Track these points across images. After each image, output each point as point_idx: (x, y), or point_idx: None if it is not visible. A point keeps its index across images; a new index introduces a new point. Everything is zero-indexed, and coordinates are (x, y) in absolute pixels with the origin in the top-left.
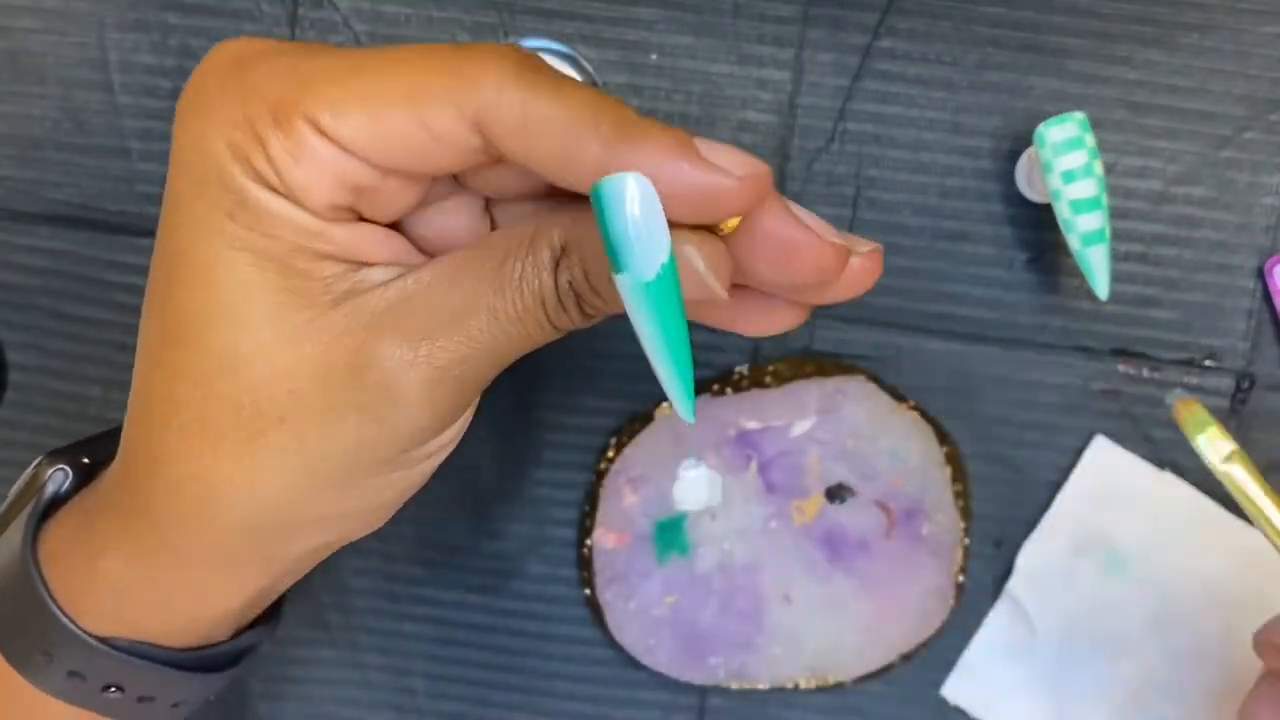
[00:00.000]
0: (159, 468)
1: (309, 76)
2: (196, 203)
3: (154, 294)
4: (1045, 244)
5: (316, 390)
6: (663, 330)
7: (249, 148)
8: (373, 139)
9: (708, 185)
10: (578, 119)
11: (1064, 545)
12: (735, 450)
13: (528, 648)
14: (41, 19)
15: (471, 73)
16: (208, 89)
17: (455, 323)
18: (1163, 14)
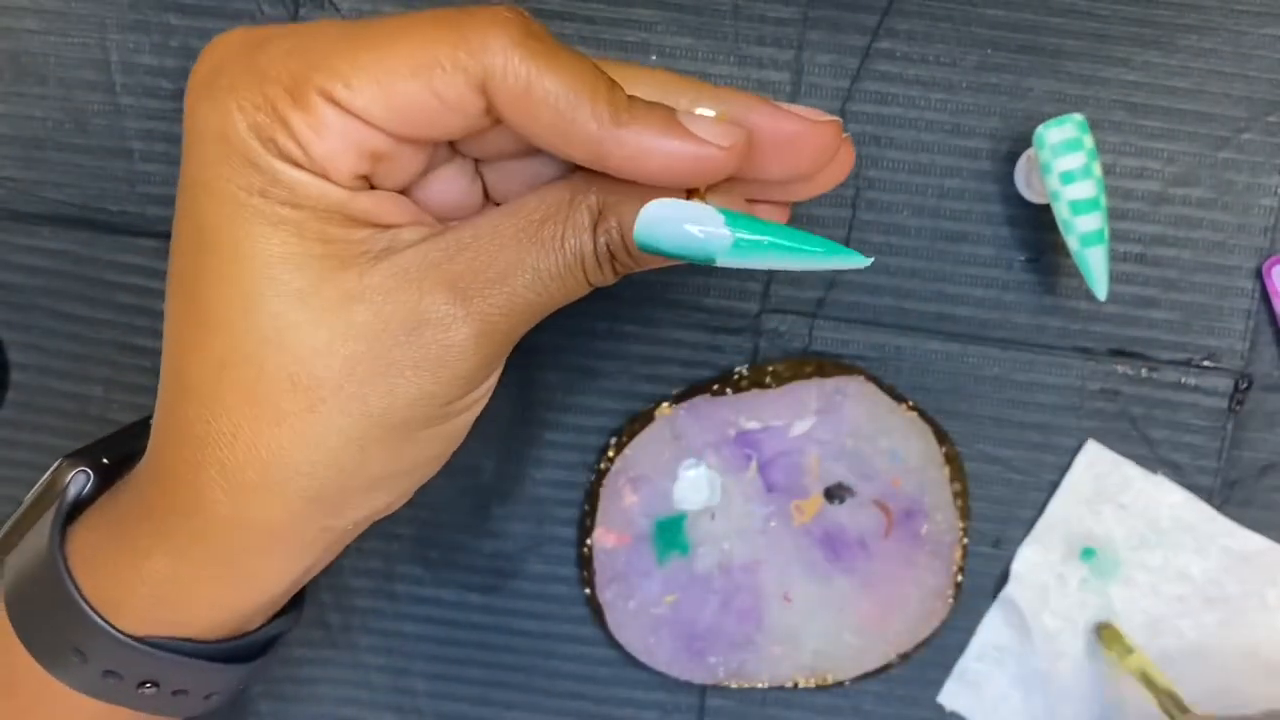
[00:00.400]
0: (210, 455)
1: (320, 53)
2: (225, 185)
3: (181, 284)
4: (1044, 245)
5: (373, 351)
6: (775, 257)
7: (272, 127)
8: (386, 109)
9: (700, 157)
10: (576, 95)
11: (1058, 549)
12: (735, 450)
13: (528, 647)
14: (43, 20)
15: (477, 39)
16: (221, 74)
17: (502, 279)
18: (1161, 15)
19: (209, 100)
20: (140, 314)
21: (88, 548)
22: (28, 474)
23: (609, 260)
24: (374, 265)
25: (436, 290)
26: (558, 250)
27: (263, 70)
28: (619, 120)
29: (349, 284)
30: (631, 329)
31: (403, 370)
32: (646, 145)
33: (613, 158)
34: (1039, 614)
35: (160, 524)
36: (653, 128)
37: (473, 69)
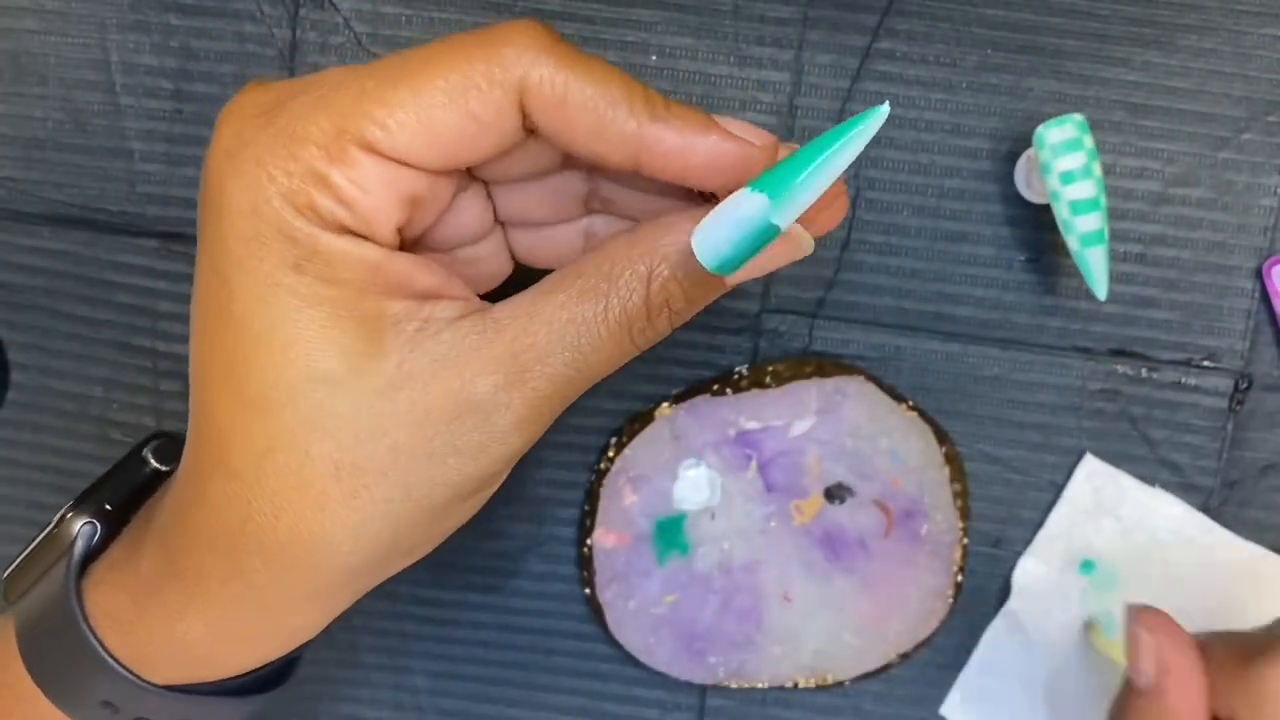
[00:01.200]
0: (251, 532)
1: (349, 102)
2: (259, 265)
3: (213, 365)
4: (1044, 245)
5: (415, 439)
6: (815, 180)
7: (310, 191)
8: (426, 144)
9: (739, 154)
10: (613, 96)
11: (1058, 561)
12: (735, 450)
13: (528, 647)
14: (43, 20)
15: (510, 54)
16: (244, 144)
17: (543, 361)
18: (1161, 16)
19: (235, 175)
20: (140, 314)
21: (116, 609)
22: (28, 474)
23: (664, 313)
24: (412, 350)
25: (477, 377)
26: (604, 322)
27: (290, 132)
28: (657, 116)
29: (389, 370)
30: None
31: (445, 458)
32: (688, 141)
33: (653, 155)
34: (1040, 626)
35: (193, 588)
36: (693, 124)
37: (509, 83)
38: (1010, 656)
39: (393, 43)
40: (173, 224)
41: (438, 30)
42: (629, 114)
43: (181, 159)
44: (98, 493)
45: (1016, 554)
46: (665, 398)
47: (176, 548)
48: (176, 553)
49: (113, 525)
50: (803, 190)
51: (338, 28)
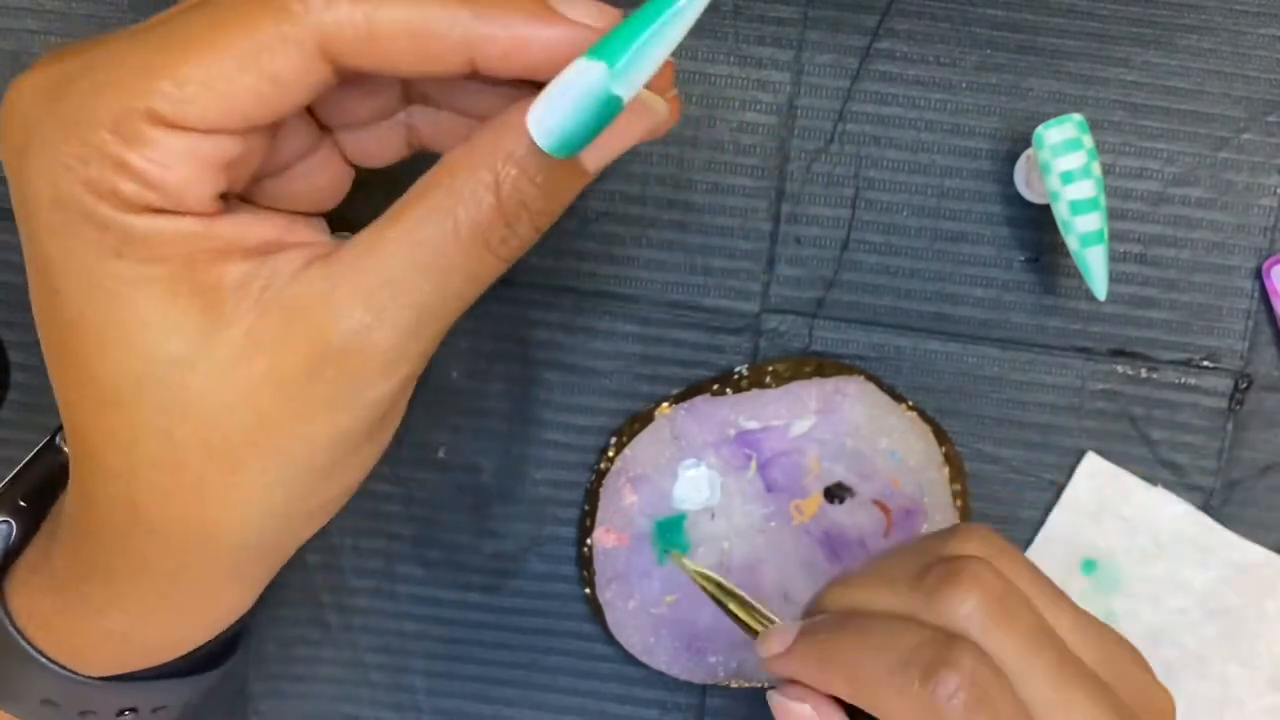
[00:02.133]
0: (142, 524)
1: (132, 77)
2: (76, 259)
3: (62, 365)
4: (1044, 245)
5: (280, 401)
6: (660, 38)
7: (110, 177)
8: (224, 112)
9: (577, 41)
10: (425, 10)
11: (1059, 562)
12: (735, 450)
13: (528, 646)
14: (43, 20)
15: (296, 4)
16: (32, 136)
17: (397, 295)
18: (1161, 16)
19: (30, 169)
20: None
21: (41, 609)
22: None
23: (524, 218)
24: (260, 313)
25: (329, 324)
26: (455, 240)
27: (75, 118)
28: (482, 14)
29: (238, 338)
30: (631, 329)
31: (315, 416)
32: (523, 36)
33: (489, 59)
34: None
35: (106, 584)
36: (525, 15)
37: (305, 38)
38: None
39: None
40: None
41: None
42: (450, 25)
43: None
44: (12, 490)
45: None
46: (665, 398)
47: (82, 548)
48: (83, 553)
49: (30, 521)
50: (644, 53)
51: None
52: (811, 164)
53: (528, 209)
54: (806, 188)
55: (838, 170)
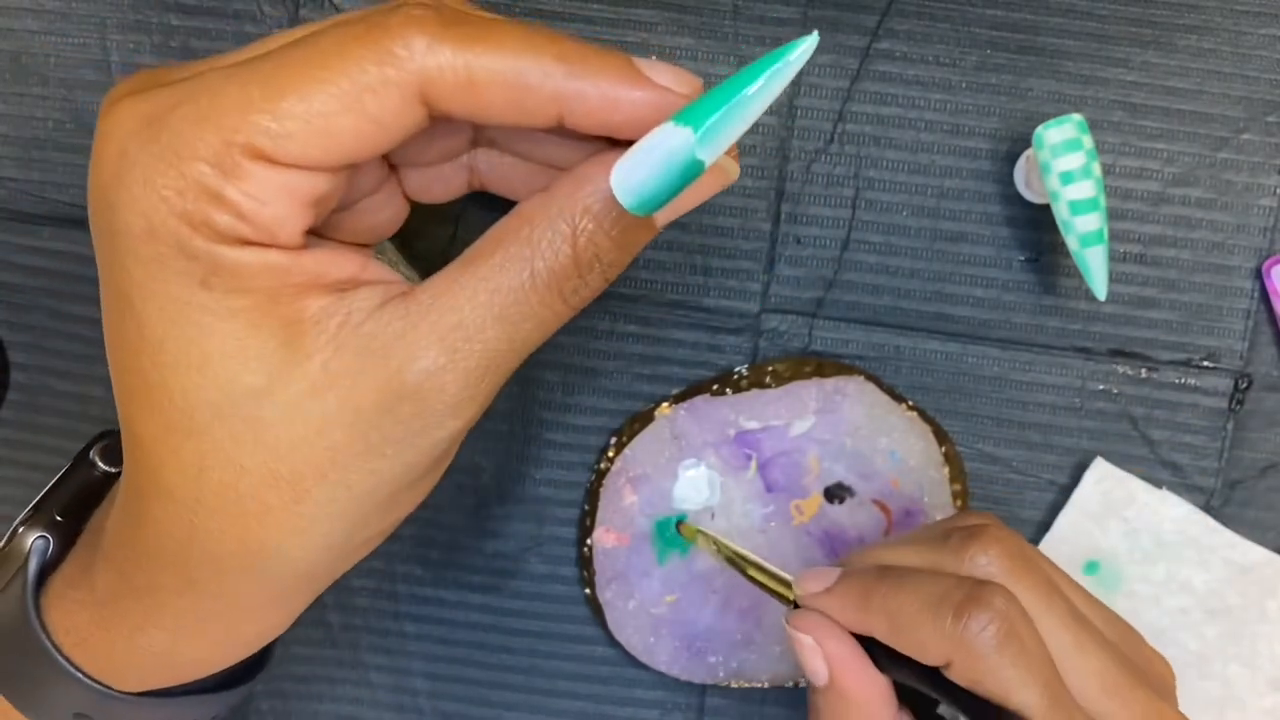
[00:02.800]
0: (198, 547)
1: (235, 111)
2: (164, 287)
3: (136, 390)
4: (1043, 245)
5: (351, 436)
6: (744, 110)
7: (206, 210)
8: (322, 149)
9: (663, 106)
10: (522, 63)
11: (1062, 563)
12: (735, 450)
13: (528, 647)
14: (44, 20)
15: (400, 51)
16: (130, 164)
17: (471, 339)
18: (1160, 16)
19: (124, 197)
20: None
21: (78, 625)
22: (28, 474)
23: (596, 269)
24: (336, 347)
25: (405, 365)
26: (531, 289)
27: (175, 149)
28: (574, 74)
29: (314, 371)
30: (631, 329)
31: (383, 450)
32: (612, 97)
33: (576, 115)
34: None
35: (150, 603)
36: (614, 76)
37: (406, 81)
38: None
39: None
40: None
41: None
42: (544, 78)
43: None
44: (48, 504)
45: None
46: (665, 398)
47: (127, 565)
48: (128, 570)
49: (66, 534)
50: (730, 124)
51: None
52: (811, 164)
53: (600, 261)
54: (806, 188)
55: (838, 170)
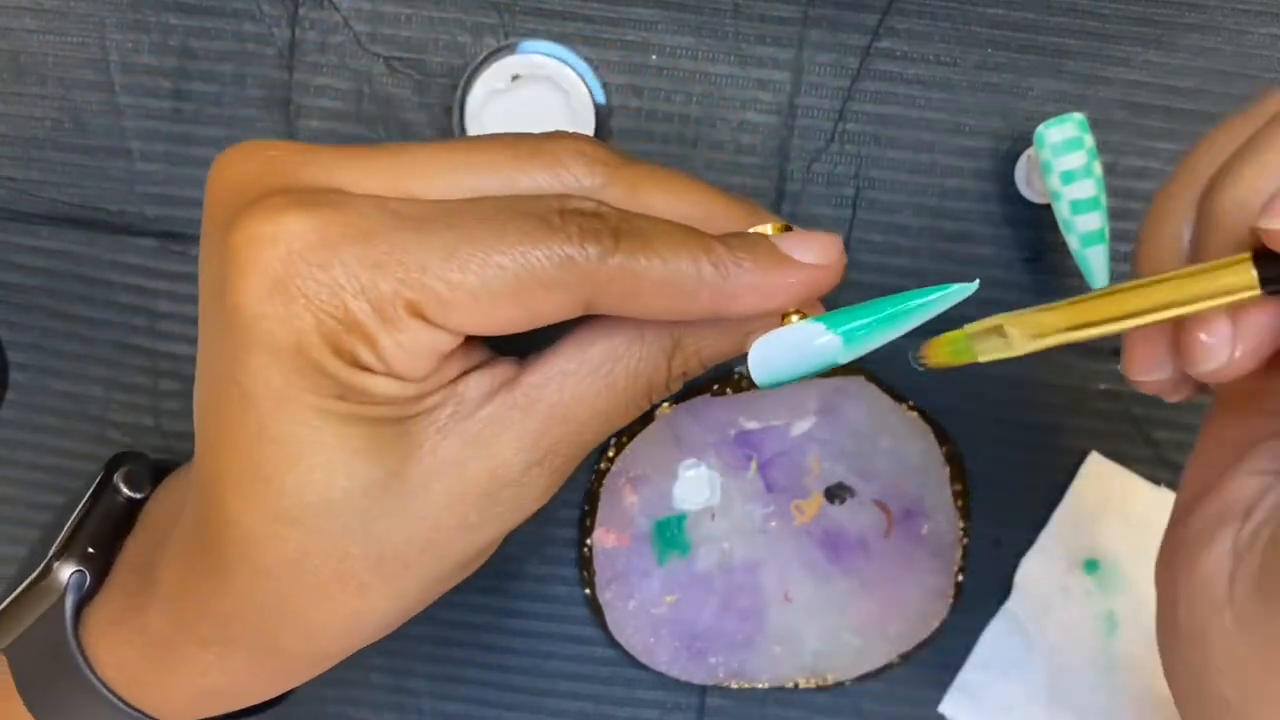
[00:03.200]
0: (290, 618)
1: (410, 270)
2: (300, 395)
3: (245, 471)
4: (1044, 244)
5: (454, 518)
6: (887, 329)
7: (357, 346)
8: (478, 325)
9: (810, 283)
10: (683, 269)
11: (1061, 561)
12: (735, 450)
13: (528, 648)
14: (42, 19)
15: (578, 259)
16: (295, 278)
17: (576, 430)
18: (1162, 15)
19: (281, 313)
20: (139, 314)
21: (126, 663)
22: (27, 474)
23: (680, 379)
24: (445, 436)
25: (512, 456)
26: (629, 391)
27: (345, 284)
28: (729, 274)
29: (425, 462)
30: None
31: (481, 528)
32: (767, 288)
33: (734, 311)
34: (1042, 626)
35: (219, 652)
36: (766, 265)
37: (577, 286)
38: (1010, 656)
39: (393, 42)
40: (172, 224)
41: (437, 29)
42: (700, 284)
43: (181, 158)
44: (79, 537)
45: (1017, 554)
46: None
47: (196, 620)
48: (195, 623)
49: (99, 566)
50: (874, 340)
51: (337, 27)
52: (812, 163)
53: (685, 377)
54: (806, 188)
55: (838, 170)
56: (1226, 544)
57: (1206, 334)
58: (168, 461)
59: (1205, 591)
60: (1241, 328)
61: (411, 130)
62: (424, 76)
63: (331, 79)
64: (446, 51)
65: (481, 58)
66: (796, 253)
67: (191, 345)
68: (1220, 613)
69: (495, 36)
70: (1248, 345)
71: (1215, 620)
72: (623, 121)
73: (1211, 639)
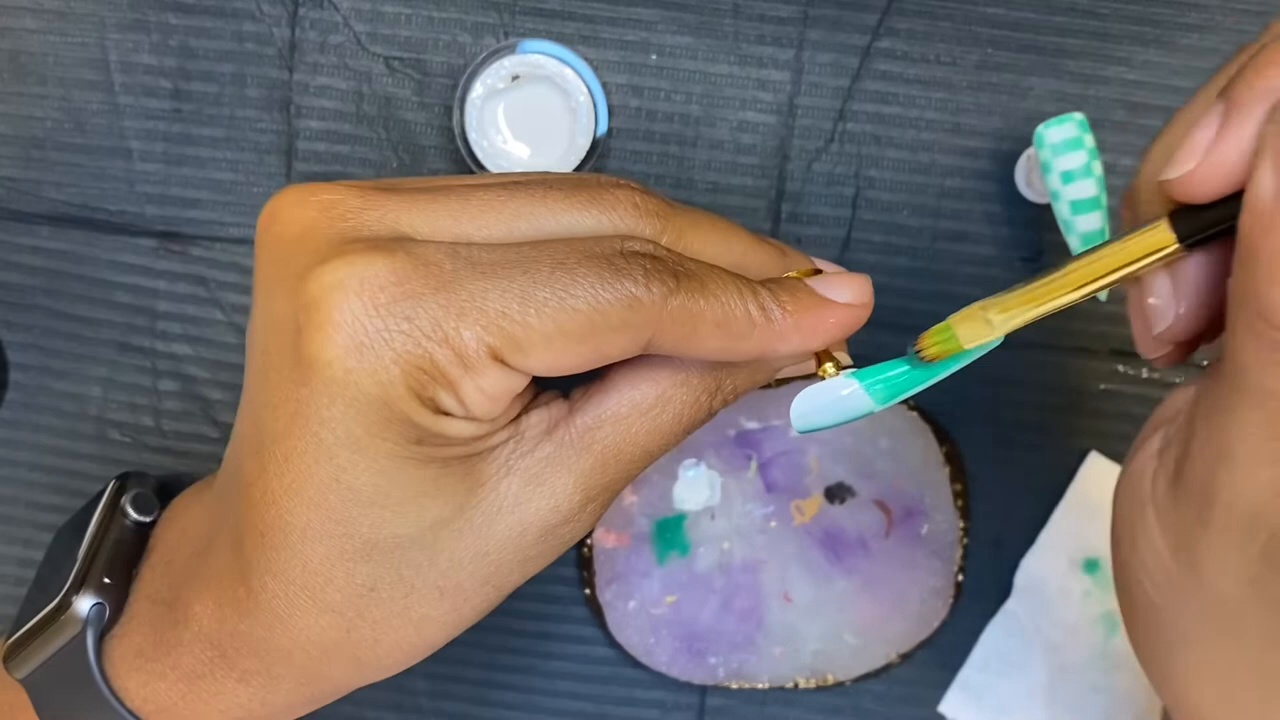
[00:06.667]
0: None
1: (490, 317)
2: (382, 444)
3: (314, 518)
4: (1044, 244)
5: (512, 553)
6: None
7: (438, 392)
8: (551, 365)
9: (847, 323)
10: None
11: (1061, 561)
12: (735, 450)
13: (528, 647)
14: (42, 19)
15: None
16: (379, 326)
17: (626, 468)
18: (1162, 15)
19: (366, 364)
20: (139, 314)
21: (156, 695)
22: (27, 474)
23: (715, 415)
24: (507, 472)
25: (570, 494)
26: (674, 431)
27: (429, 334)
28: (774, 320)
29: (489, 500)
30: None
31: (535, 562)
32: (809, 331)
33: (779, 353)
34: (1041, 626)
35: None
36: (806, 308)
37: (642, 328)
38: (1010, 655)
39: (393, 42)
40: (171, 223)
41: (437, 29)
42: (751, 330)
43: (180, 158)
44: (95, 568)
45: (1017, 554)
46: None
47: (236, 654)
48: (236, 656)
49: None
50: (902, 391)
51: (337, 27)
52: (812, 163)
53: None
54: (807, 187)
55: (838, 170)
56: (1154, 448)
57: (1153, 297)
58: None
59: (1132, 490)
60: (1178, 284)
61: (411, 130)
62: (424, 76)
63: (331, 79)
64: (446, 51)
65: (481, 58)
66: (832, 294)
67: (191, 345)
68: (1144, 510)
69: (495, 36)
70: (1188, 300)
71: (1139, 519)
72: (623, 121)
73: (1137, 538)
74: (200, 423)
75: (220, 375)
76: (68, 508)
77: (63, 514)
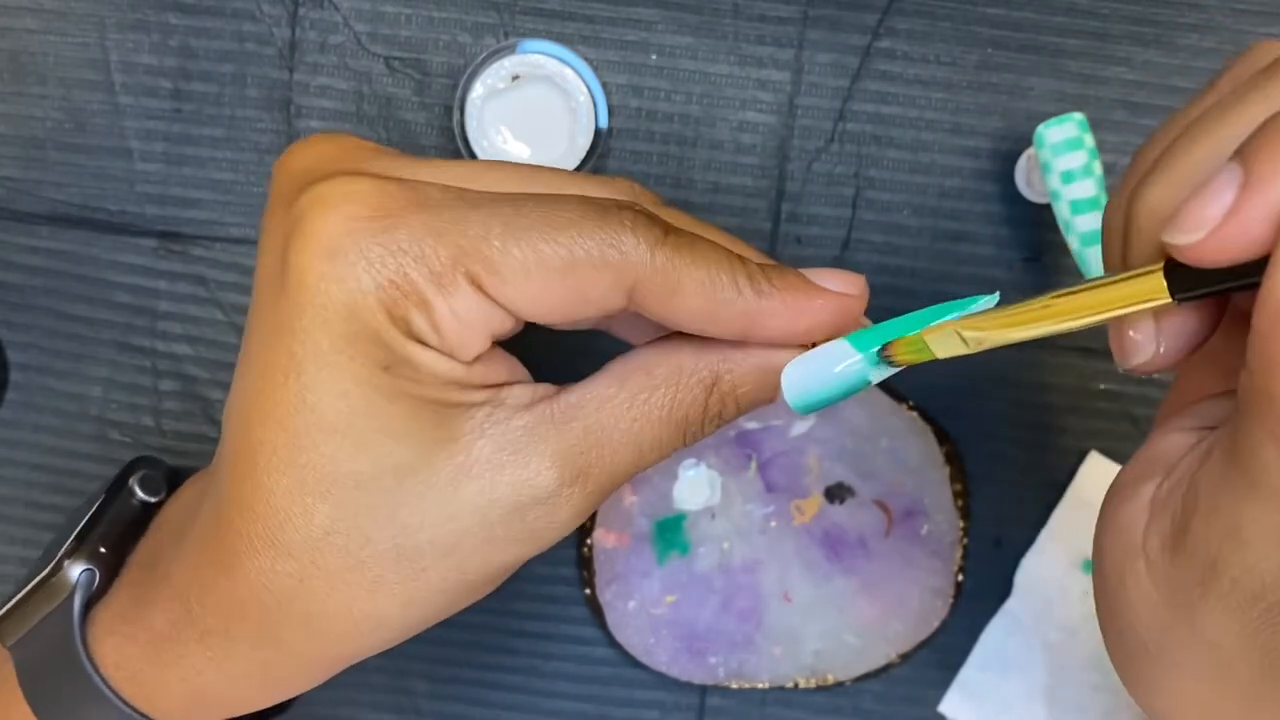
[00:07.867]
0: (298, 607)
1: (470, 239)
2: (349, 363)
3: (282, 444)
4: (1044, 244)
5: (479, 526)
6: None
7: (411, 310)
8: (530, 302)
9: (841, 310)
10: (721, 280)
11: (1060, 561)
12: (735, 450)
13: (528, 648)
14: (42, 19)
15: (628, 242)
16: (354, 242)
17: (610, 456)
18: (1162, 15)
19: (338, 274)
20: (139, 314)
21: (128, 660)
22: (27, 473)
23: (716, 419)
24: (481, 436)
25: (545, 469)
26: (665, 422)
27: (406, 248)
28: (762, 292)
29: (458, 457)
30: None
31: (505, 545)
32: (795, 309)
33: (761, 330)
34: (1041, 626)
35: (221, 649)
36: (796, 291)
37: (624, 270)
38: (1010, 655)
39: (393, 42)
40: (171, 223)
41: (437, 29)
42: (736, 296)
43: (180, 158)
44: (91, 535)
45: (1017, 554)
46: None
47: (204, 610)
48: (201, 614)
49: (110, 566)
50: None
51: (337, 27)
52: (812, 163)
53: (720, 417)
54: (807, 187)
55: (838, 170)
56: (1146, 496)
57: (1134, 331)
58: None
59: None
60: (1162, 328)
61: (411, 130)
62: (424, 76)
63: (331, 79)
64: (446, 51)
65: (481, 58)
66: (822, 282)
67: (192, 345)
68: (1135, 559)
69: (495, 36)
70: (1170, 344)
71: (1129, 566)
72: (623, 121)
73: (1128, 584)
74: (200, 423)
75: (220, 375)
76: (68, 508)
77: (63, 514)
